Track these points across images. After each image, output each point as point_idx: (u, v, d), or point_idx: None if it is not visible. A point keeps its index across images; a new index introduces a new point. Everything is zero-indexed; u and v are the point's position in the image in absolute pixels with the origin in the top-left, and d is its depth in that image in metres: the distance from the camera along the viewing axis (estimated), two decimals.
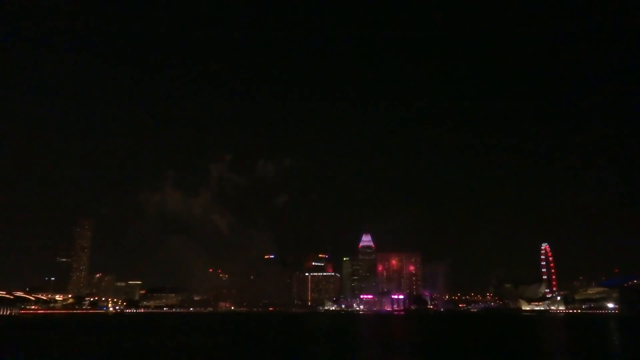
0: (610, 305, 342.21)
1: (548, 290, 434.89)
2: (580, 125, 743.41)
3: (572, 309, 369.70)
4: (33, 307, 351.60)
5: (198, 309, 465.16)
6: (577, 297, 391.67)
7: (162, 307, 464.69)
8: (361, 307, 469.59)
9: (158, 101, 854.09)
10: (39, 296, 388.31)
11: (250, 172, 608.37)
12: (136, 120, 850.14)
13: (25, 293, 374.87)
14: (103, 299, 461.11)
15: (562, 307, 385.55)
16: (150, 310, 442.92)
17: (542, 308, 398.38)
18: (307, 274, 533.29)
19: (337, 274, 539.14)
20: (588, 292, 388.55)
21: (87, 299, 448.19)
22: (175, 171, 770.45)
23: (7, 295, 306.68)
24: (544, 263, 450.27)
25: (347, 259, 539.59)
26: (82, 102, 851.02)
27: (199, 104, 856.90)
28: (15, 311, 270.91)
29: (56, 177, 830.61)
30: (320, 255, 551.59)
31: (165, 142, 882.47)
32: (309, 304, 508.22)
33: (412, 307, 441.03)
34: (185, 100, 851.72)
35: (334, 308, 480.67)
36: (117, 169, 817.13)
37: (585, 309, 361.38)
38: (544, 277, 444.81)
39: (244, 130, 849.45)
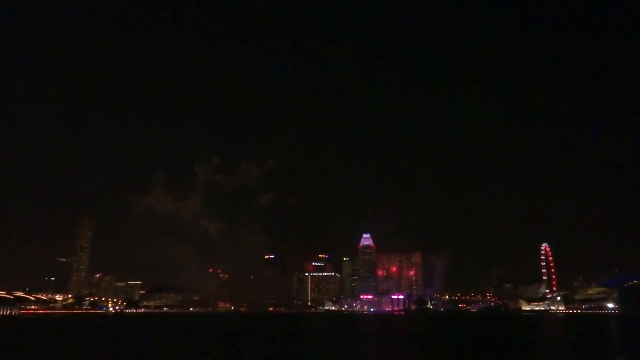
0: (610, 305, 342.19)
1: (548, 291, 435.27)
2: (581, 125, 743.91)
3: (572, 309, 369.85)
4: (33, 307, 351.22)
5: (198, 309, 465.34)
6: (577, 297, 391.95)
7: (162, 307, 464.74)
8: (365, 307, 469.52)
9: (151, 102, 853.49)
10: (39, 296, 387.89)
11: (243, 174, 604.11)
12: (129, 122, 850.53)
13: (25, 293, 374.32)
14: (103, 299, 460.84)
15: (562, 307, 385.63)
16: (150, 310, 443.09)
17: (542, 308, 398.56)
18: (307, 274, 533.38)
19: (337, 274, 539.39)
20: (588, 292, 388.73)
21: (87, 299, 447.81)
22: (165, 173, 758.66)
23: (7, 295, 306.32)
24: (544, 263, 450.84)
25: (347, 259, 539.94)
26: (79, 102, 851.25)
27: (190, 106, 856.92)
28: (15, 311, 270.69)
29: (56, 177, 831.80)
30: (320, 256, 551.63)
31: (157, 144, 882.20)
32: (309, 304, 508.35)
33: (412, 307, 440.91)
34: (176, 101, 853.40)
35: (334, 308, 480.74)
36: (109, 170, 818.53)
37: (585, 309, 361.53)
38: (544, 277, 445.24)
39: (233, 133, 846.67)
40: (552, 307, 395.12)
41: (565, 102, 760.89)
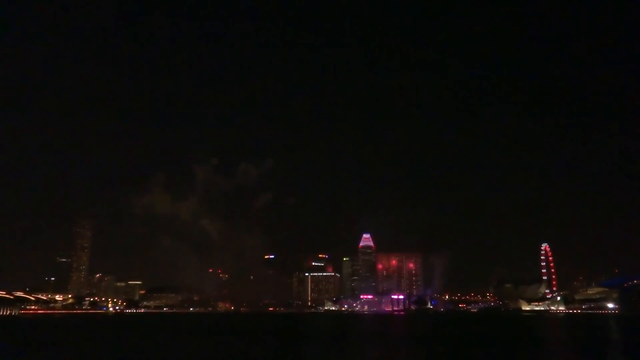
0: (610, 305, 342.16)
1: (548, 291, 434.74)
2: (581, 125, 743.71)
3: (572, 309, 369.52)
4: (33, 307, 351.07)
5: (198, 309, 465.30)
6: (577, 297, 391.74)
7: (162, 307, 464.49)
8: (365, 307, 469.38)
9: (150, 103, 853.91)
10: (39, 296, 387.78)
11: (242, 174, 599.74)
12: (128, 122, 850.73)
13: (25, 293, 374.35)
14: (103, 299, 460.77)
15: (562, 307, 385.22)
16: (150, 310, 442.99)
17: (542, 308, 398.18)
18: (307, 274, 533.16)
19: (337, 274, 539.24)
20: (588, 292, 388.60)
21: (87, 299, 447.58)
22: (164, 174, 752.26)
23: (7, 295, 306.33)
24: (544, 263, 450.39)
25: (347, 259, 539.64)
26: (78, 103, 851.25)
27: (188, 107, 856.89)
28: (15, 311, 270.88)
29: (56, 178, 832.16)
30: (320, 256, 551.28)
31: (155, 145, 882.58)
32: (309, 304, 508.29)
33: (412, 308, 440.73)
34: (174, 102, 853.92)
35: (334, 308, 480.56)
36: (109, 170, 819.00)
37: (585, 309, 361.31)
38: (544, 277, 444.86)
39: (230, 133, 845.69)
40: (552, 307, 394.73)
41: (565, 102, 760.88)
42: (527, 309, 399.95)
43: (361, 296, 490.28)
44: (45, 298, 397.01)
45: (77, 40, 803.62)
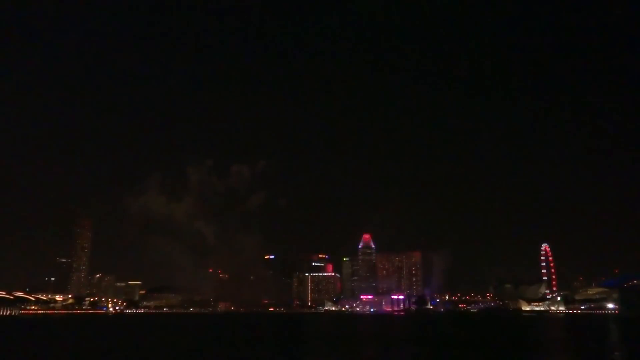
0: (610, 305, 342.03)
1: (548, 291, 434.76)
2: (581, 125, 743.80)
3: (572, 310, 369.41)
4: (33, 307, 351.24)
5: (198, 309, 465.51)
6: (577, 297, 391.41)
7: (162, 308, 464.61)
8: (365, 307, 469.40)
9: (145, 104, 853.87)
10: (39, 296, 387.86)
11: (236, 176, 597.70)
12: (123, 123, 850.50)
13: (25, 293, 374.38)
14: (103, 299, 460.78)
15: (562, 308, 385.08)
16: (150, 310, 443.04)
17: (542, 308, 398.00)
18: (307, 274, 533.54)
19: (337, 274, 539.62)
20: (588, 292, 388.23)
21: (87, 299, 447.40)
22: (160, 175, 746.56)
23: (7, 296, 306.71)
24: (544, 263, 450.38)
25: (347, 259, 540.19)
26: (76, 105, 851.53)
27: (182, 108, 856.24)
28: (15, 311, 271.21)
29: (55, 177, 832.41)
30: (320, 256, 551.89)
31: (151, 146, 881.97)
32: (309, 304, 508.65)
33: (412, 308, 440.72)
34: (169, 104, 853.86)
35: (334, 308, 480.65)
36: (106, 171, 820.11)
37: (585, 309, 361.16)
38: (544, 277, 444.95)
39: (227, 134, 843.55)
40: (552, 308, 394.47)
41: (564, 102, 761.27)
42: (527, 309, 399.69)
43: (361, 296, 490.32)
44: (45, 298, 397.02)
45: (73, 40, 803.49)
